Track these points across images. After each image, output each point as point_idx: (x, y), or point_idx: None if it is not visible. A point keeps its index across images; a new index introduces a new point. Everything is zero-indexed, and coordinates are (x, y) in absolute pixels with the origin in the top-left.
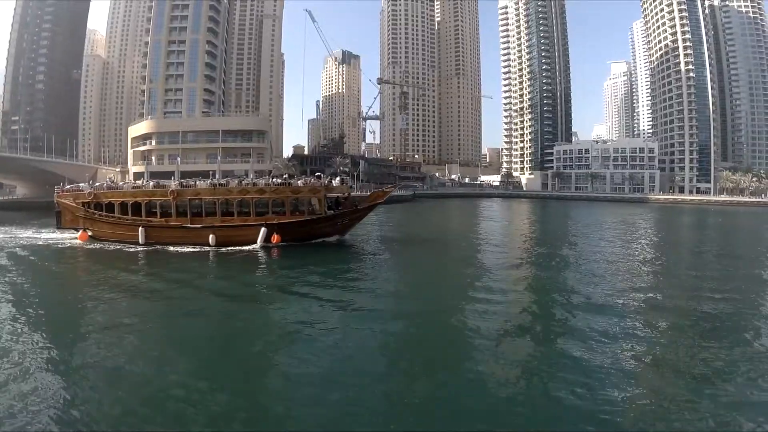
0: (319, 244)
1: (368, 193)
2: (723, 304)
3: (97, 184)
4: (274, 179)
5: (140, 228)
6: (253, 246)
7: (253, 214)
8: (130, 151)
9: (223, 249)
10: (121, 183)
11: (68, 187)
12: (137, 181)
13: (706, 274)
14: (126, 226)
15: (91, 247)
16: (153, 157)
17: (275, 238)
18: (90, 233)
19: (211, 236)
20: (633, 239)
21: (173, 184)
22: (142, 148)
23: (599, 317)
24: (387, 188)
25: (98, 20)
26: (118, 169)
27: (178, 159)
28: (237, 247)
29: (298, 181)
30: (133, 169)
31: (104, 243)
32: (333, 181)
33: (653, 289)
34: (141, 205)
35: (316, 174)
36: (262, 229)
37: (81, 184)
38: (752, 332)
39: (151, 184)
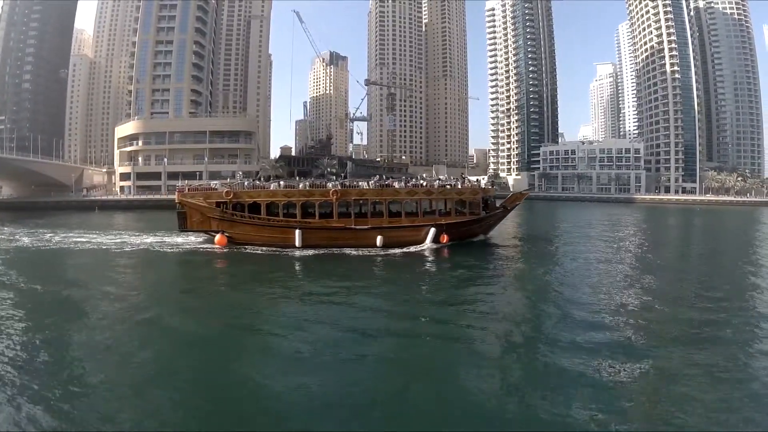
0: (469, 242)
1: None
2: (715, 303)
3: (237, 182)
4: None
5: (297, 230)
6: (423, 246)
7: (420, 215)
8: (116, 152)
9: (392, 250)
10: (272, 184)
11: (196, 185)
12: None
13: (695, 274)
14: (277, 228)
15: (247, 251)
16: (140, 158)
17: (444, 237)
18: (228, 236)
19: (378, 237)
20: (622, 240)
21: (331, 184)
22: (128, 149)
23: (592, 319)
24: (524, 191)
25: (85, 20)
26: (104, 170)
27: (165, 159)
28: (405, 248)
29: (458, 184)
30: (120, 169)
31: (252, 247)
32: (481, 183)
33: (647, 290)
34: (296, 205)
35: (462, 175)
36: (432, 230)
37: (213, 183)
38: (743, 330)
39: (307, 183)
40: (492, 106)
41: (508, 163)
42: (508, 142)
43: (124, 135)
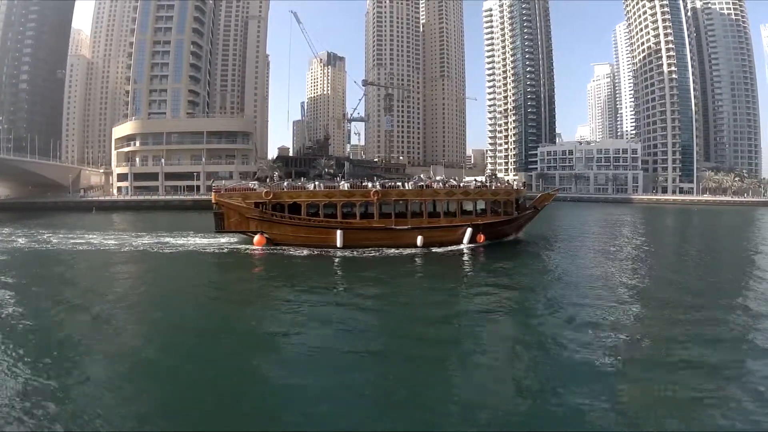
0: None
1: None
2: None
3: (275, 183)
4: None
5: (338, 231)
6: (461, 246)
7: (459, 215)
8: (113, 152)
9: (431, 249)
10: (310, 184)
11: (232, 185)
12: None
13: (696, 274)
14: (318, 228)
15: (296, 253)
16: (137, 159)
17: (480, 237)
18: (267, 237)
19: (418, 237)
20: (625, 240)
21: (371, 184)
22: (126, 149)
23: (604, 327)
24: (553, 191)
25: (83, 20)
26: (101, 170)
27: (162, 160)
28: (443, 248)
29: (493, 185)
30: (117, 170)
31: (293, 248)
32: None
33: (648, 288)
34: (336, 206)
35: (495, 175)
36: (469, 230)
37: (251, 183)
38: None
39: (347, 184)
40: (489, 106)
41: (506, 163)
42: (506, 143)
43: (121, 135)
